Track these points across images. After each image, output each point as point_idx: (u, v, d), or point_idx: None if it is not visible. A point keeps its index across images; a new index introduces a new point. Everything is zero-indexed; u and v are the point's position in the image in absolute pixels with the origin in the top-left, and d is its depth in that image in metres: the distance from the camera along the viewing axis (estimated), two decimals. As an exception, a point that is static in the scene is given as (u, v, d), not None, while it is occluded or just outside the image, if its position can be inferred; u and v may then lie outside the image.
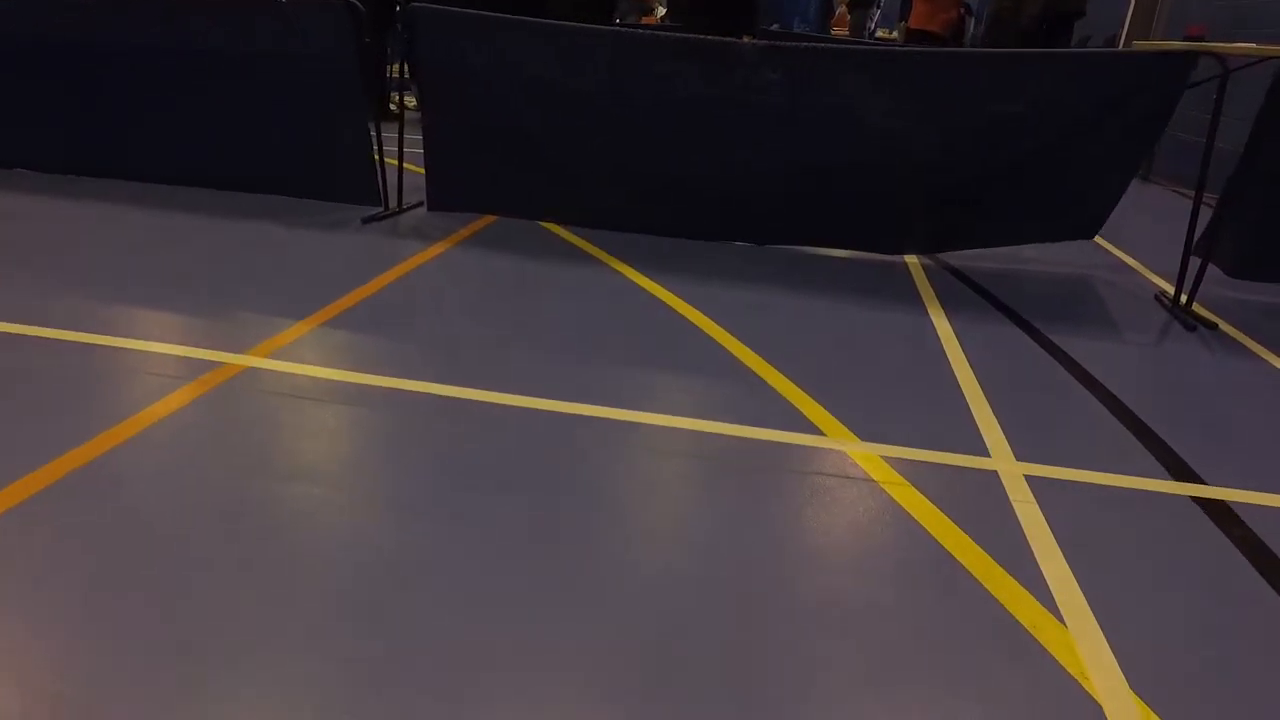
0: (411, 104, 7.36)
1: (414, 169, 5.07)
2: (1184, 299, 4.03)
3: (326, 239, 4.41)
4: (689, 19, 6.25)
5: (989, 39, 7.96)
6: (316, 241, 4.35)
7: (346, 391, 2.77)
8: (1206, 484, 2.54)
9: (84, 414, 2.52)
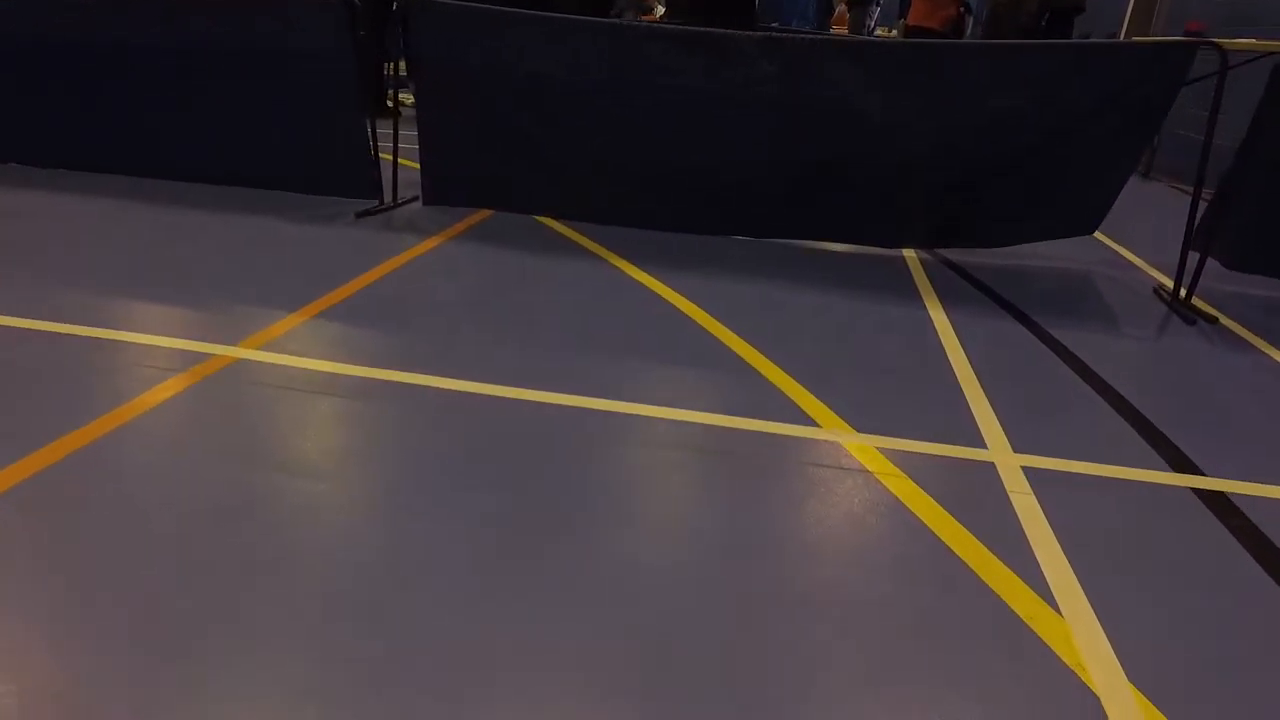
0: (408, 101, 7.34)
1: (409, 164, 5.05)
2: (1183, 293, 4.01)
3: (320, 233, 4.38)
4: (688, 18, 6.22)
5: (988, 36, 7.94)
6: (310, 235, 4.33)
7: (337, 383, 2.75)
8: (1206, 475, 2.52)
9: (69, 406, 2.49)
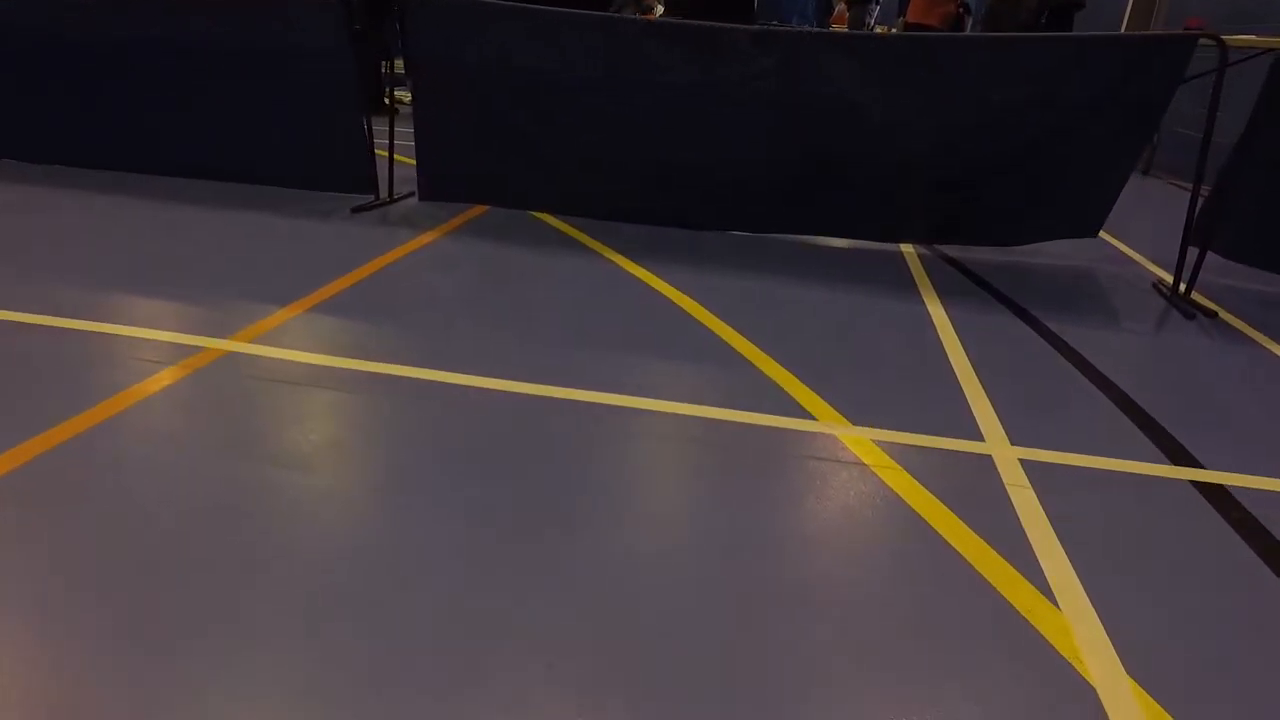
0: (405, 99, 7.30)
1: (405, 160, 5.03)
2: (1183, 288, 3.98)
3: (315, 228, 4.35)
4: (688, 16, 6.20)
5: (987, 32, 7.91)
6: (305, 230, 4.30)
7: (328, 376, 2.72)
8: (1204, 468, 2.49)
9: (61, 397, 2.46)
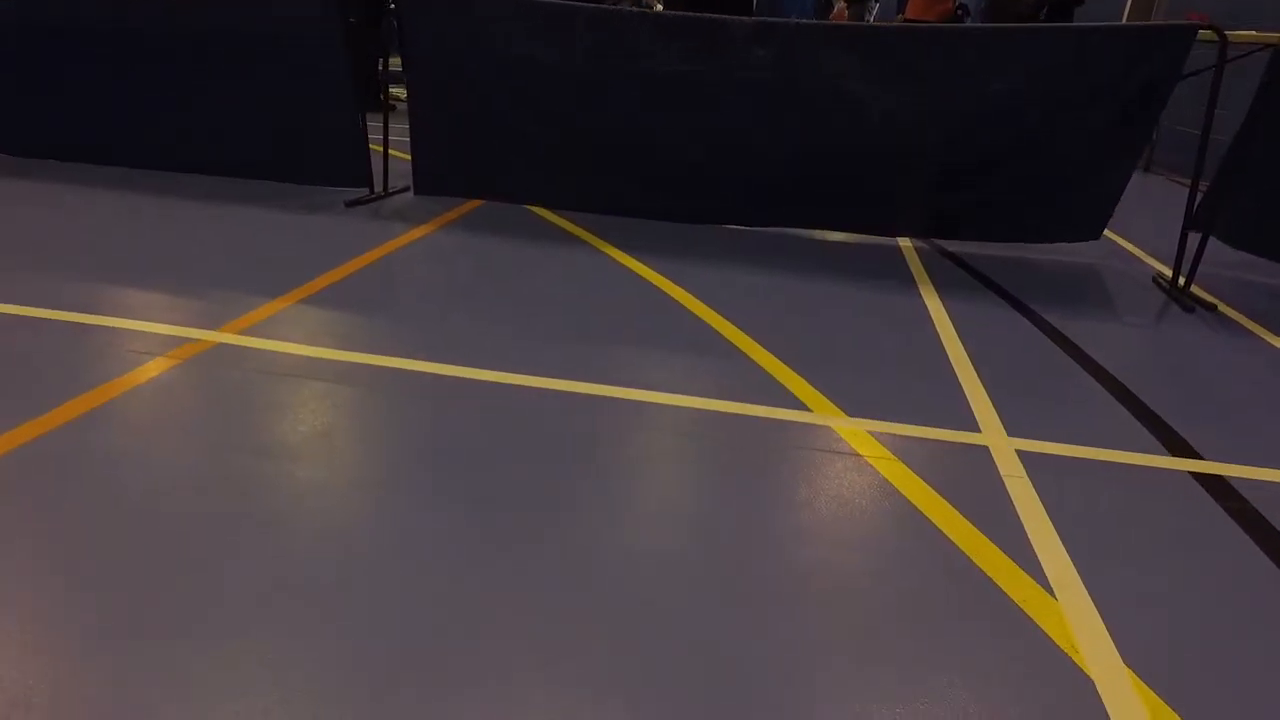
0: (402, 97, 7.27)
1: (400, 156, 5.00)
2: (1182, 281, 3.95)
3: (307, 221, 4.32)
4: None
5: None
6: (297, 224, 4.27)
7: (316, 367, 2.69)
8: (1204, 459, 2.46)
9: (42, 388, 2.43)
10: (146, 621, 1.60)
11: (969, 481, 2.27)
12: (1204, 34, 3.80)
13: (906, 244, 4.62)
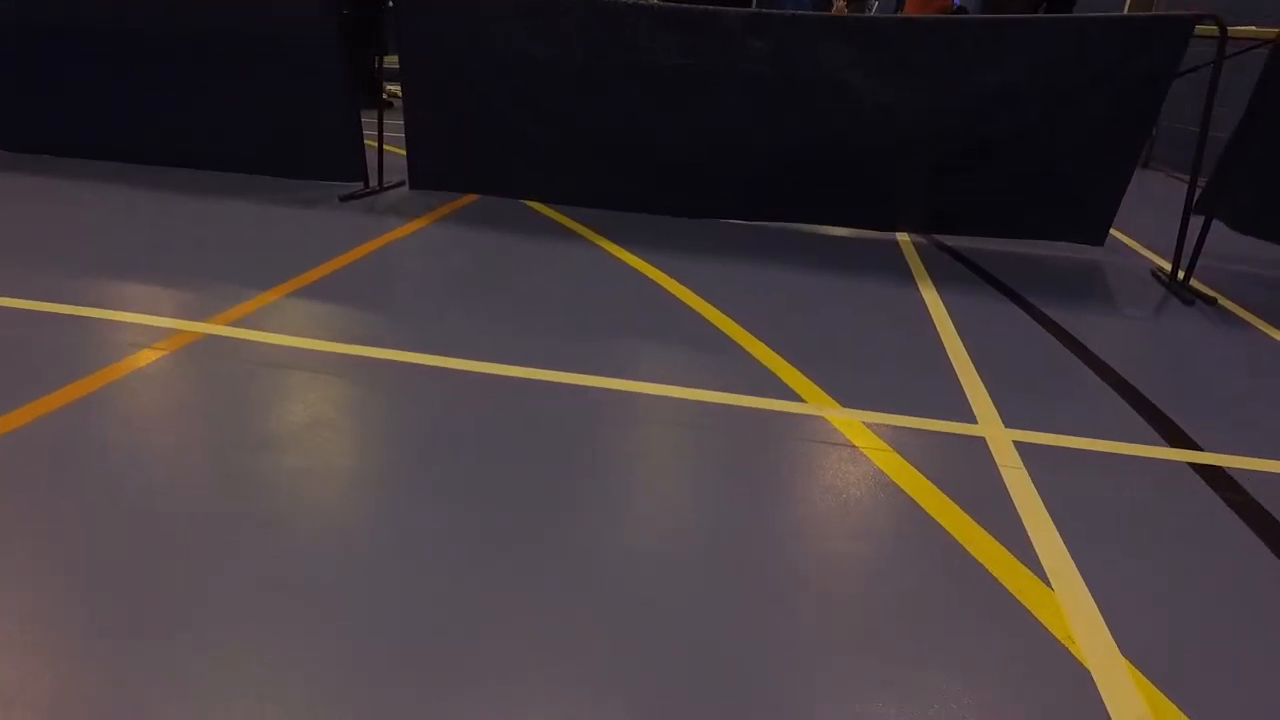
0: (398, 93, 7.25)
1: (396, 151, 4.97)
2: (1181, 275, 3.92)
3: (302, 215, 4.30)
4: None
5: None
6: (291, 218, 4.24)
7: (304, 358, 2.66)
8: (1203, 450, 2.43)
9: (26, 379, 2.41)
10: (132, 615, 1.57)
11: (965, 472, 2.24)
12: (1203, 29, 3.76)
13: (905, 239, 4.58)
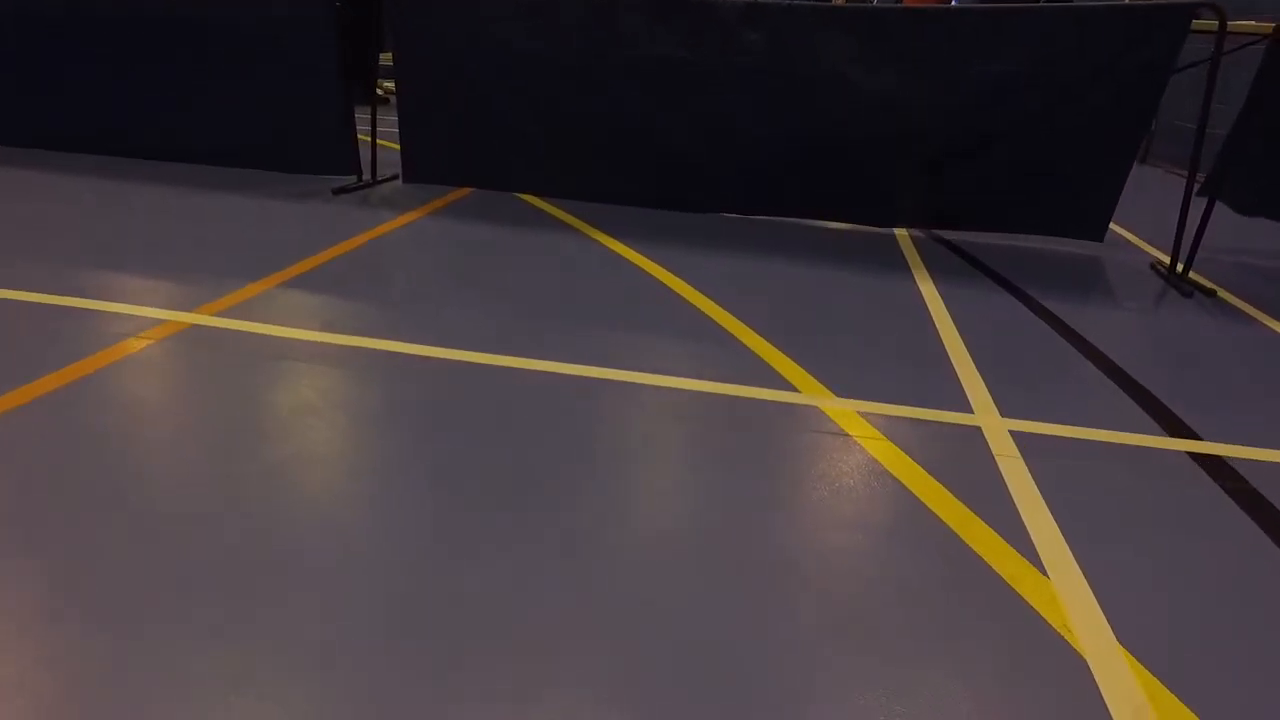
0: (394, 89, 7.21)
1: (389, 145, 4.94)
2: (1180, 267, 3.89)
3: (293, 208, 4.26)
4: None
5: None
6: (283, 210, 4.21)
7: (291, 347, 2.62)
8: (1202, 440, 2.40)
9: (9, 369, 2.37)
10: (109, 600, 1.53)
11: (961, 461, 2.20)
12: (1201, 23, 3.73)
13: (902, 233, 4.55)
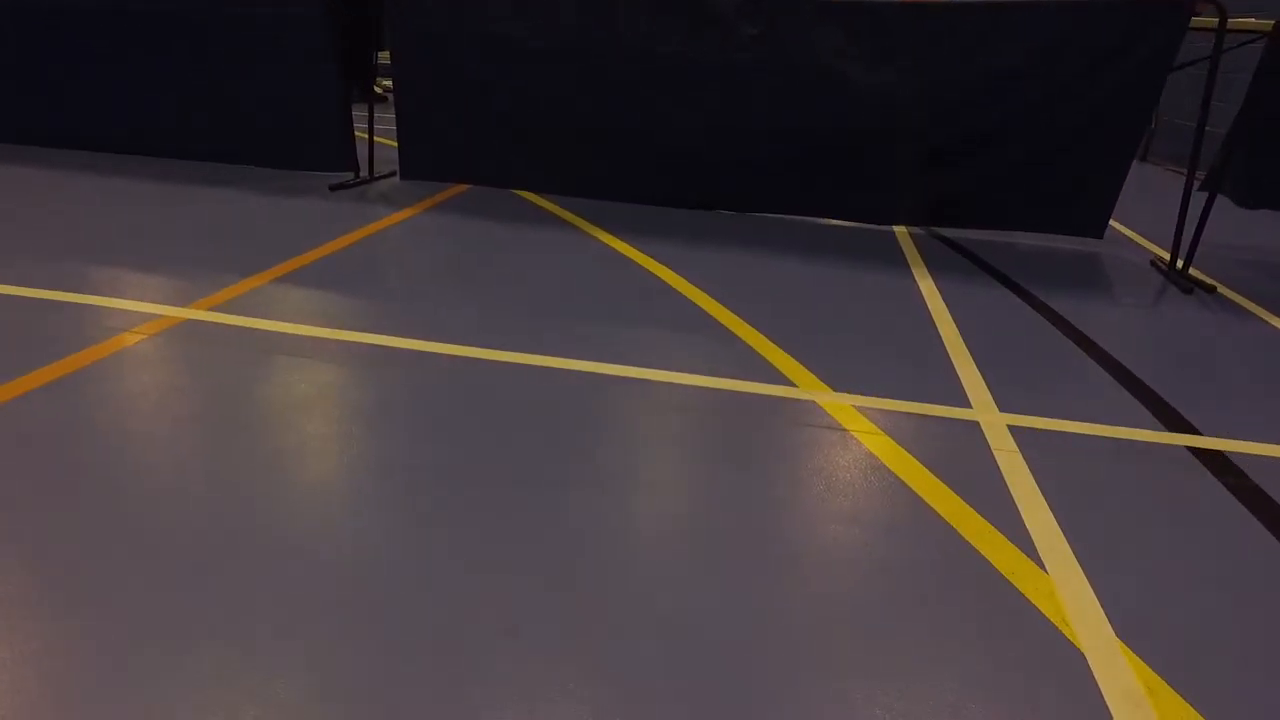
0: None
1: (387, 143, 4.92)
2: (1180, 264, 3.87)
3: (290, 204, 4.24)
4: None
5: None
6: (279, 206, 4.19)
7: (284, 342, 2.61)
8: (1202, 435, 2.38)
9: (10, 359, 2.36)
10: (97, 591, 1.52)
11: (958, 456, 2.18)
12: (1201, 20, 3.72)
13: (901, 230, 4.53)
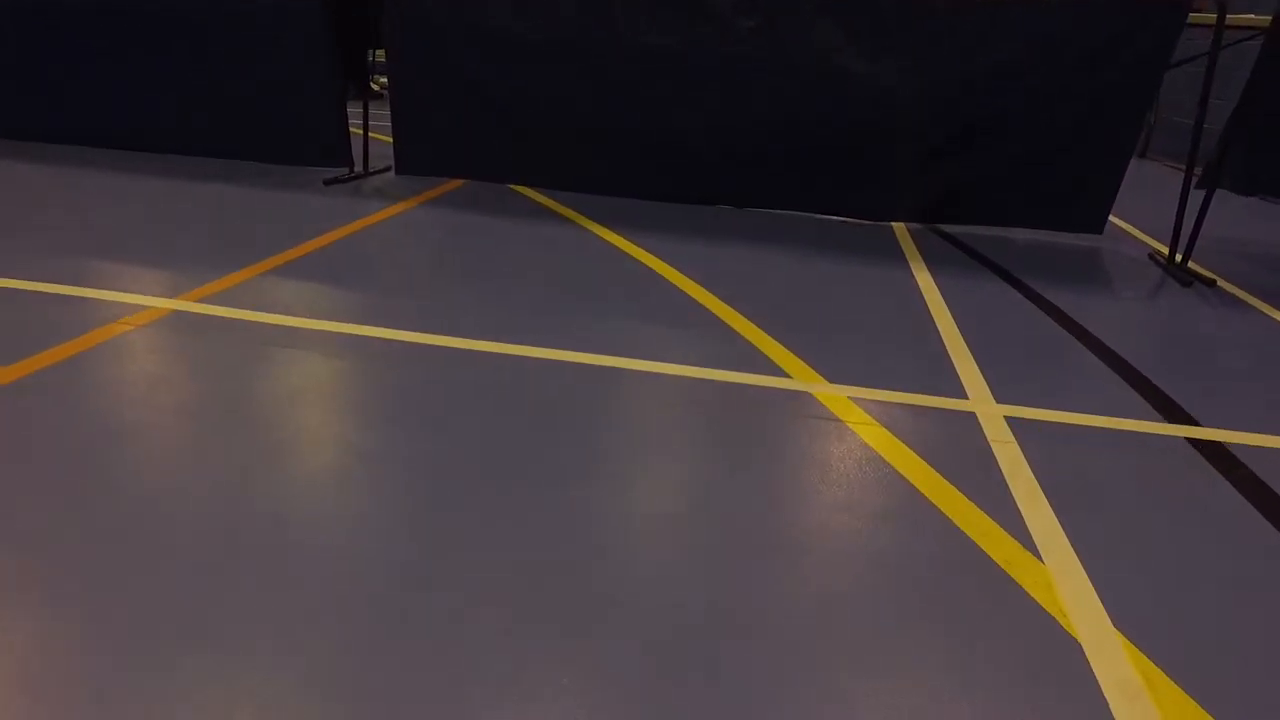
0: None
1: (383, 138, 4.90)
2: (1179, 257, 3.85)
3: (283, 198, 4.22)
4: None
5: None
6: (273, 200, 4.17)
7: (272, 333, 2.58)
8: (1201, 426, 2.35)
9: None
10: (86, 583, 1.49)
11: (954, 446, 2.16)
12: (1198, 17, 3.69)
13: (900, 225, 4.50)
